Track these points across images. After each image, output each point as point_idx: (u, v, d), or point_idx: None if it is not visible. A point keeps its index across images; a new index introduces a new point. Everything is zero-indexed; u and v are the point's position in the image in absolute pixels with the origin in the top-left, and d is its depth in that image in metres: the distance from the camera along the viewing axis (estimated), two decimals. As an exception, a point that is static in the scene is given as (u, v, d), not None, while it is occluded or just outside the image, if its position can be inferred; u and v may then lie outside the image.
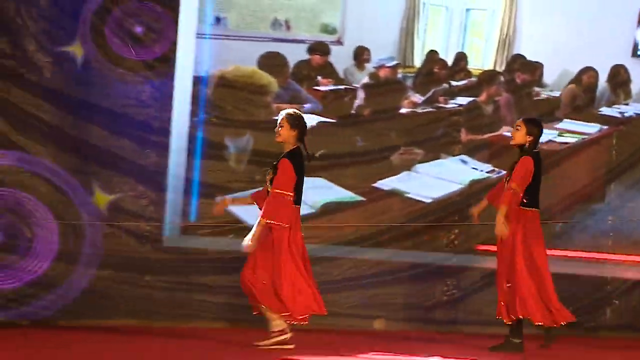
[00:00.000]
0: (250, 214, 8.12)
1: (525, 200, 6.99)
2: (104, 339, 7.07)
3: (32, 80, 7.94)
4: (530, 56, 8.98)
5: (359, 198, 8.69)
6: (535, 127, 7.14)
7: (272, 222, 6.57)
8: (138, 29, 8.23)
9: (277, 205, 6.58)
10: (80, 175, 8.04)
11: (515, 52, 9.04)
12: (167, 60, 8.25)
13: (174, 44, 8.27)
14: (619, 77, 9.00)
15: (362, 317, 8.33)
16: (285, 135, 6.78)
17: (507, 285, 6.93)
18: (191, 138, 8.40)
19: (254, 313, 6.68)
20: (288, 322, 6.50)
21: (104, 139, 8.06)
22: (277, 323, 6.50)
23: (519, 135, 7.06)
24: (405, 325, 7.19)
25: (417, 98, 8.95)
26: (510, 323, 6.96)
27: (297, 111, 7.27)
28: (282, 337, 6.49)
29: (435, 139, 8.90)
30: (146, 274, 8.01)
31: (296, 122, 6.85)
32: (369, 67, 8.91)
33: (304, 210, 8.28)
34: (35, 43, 7.94)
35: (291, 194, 6.65)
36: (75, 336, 7.12)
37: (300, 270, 6.60)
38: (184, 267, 8.14)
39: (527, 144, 7.07)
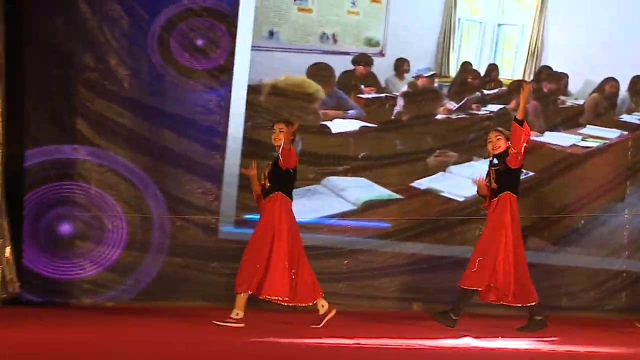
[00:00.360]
0: (298, 209, 8.31)
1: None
2: (179, 318, 7.52)
3: (113, 90, 8.57)
4: (556, 67, 9.19)
5: (397, 196, 9.00)
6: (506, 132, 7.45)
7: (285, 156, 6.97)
8: (199, 42, 8.78)
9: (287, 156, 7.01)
10: (154, 173, 8.61)
11: (542, 63, 9.20)
12: (226, 71, 8.76)
13: (231, 55, 8.76)
14: (639, 86, 9.20)
15: (401, 300, 8.71)
16: (285, 140, 7.15)
17: (480, 259, 7.21)
18: (245, 140, 8.84)
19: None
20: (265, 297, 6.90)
21: (175, 141, 8.59)
22: (322, 303, 7.04)
23: (503, 143, 7.37)
24: (440, 307, 7.40)
25: (452, 105, 9.21)
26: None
27: (289, 119, 7.64)
28: (329, 314, 7.02)
29: (467, 142, 9.13)
30: (213, 262, 8.54)
31: (292, 128, 7.25)
32: (408, 77, 9.20)
33: (347, 207, 8.92)
34: (116, 58, 8.58)
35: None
36: (152, 315, 7.67)
37: (287, 257, 6.98)
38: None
39: (509, 147, 7.33)
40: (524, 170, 8.78)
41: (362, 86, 9.22)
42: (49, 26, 8.47)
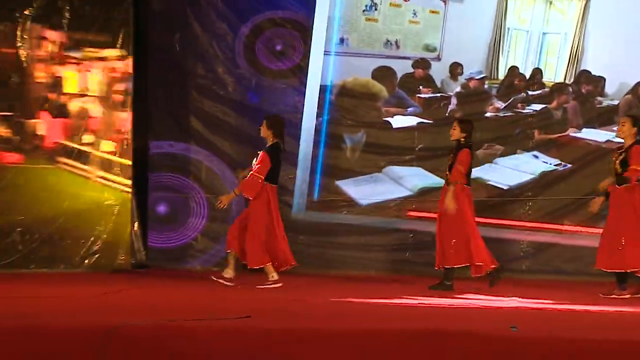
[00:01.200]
0: (360, 194, 9.60)
1: (467, 181, 7.96)
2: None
3: (219, 94, 9.69)
4: (594, 71, 9.61)
5: (449, 184, 9.59)
6: (467, 125, 7.97)
7: (242, 193, 7.75)
8: (279, 48, 9.77)
9: (251, 184, 7.72)
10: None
11: (582, 68, 9.61)
12: (302, 73, 9.68)
13: (306, 59, 9.66)
14: (669, 89, 9.48)
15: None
16: (264, 133, 7.86)
17: (453, 241, 7.86)
18: (316, 133, 9.65)
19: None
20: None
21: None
22: (273, 274, 7.77)
23: (456, 133, 7.92)
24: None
25: (500, 104, 9.68)
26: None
27: (276, 115, 8.26)
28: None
29: (512, 137, 9.58)
30: (300, 235, 9.46)
31: (271, 123, 7.84)
32: (462, 79, 9.70)
33: (404, 192, 9.63)
34: (222, 67, 9.68)
35: (262, 177, 7.71)
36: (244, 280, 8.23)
37: (271, 229, 7.74)
38: (320, 232, 9.57)
39: (463, 139, 7.91)
40: (563, 163, 9.58)
41: (421, 87, 9.75)
42: (168, 42, 9.64)
